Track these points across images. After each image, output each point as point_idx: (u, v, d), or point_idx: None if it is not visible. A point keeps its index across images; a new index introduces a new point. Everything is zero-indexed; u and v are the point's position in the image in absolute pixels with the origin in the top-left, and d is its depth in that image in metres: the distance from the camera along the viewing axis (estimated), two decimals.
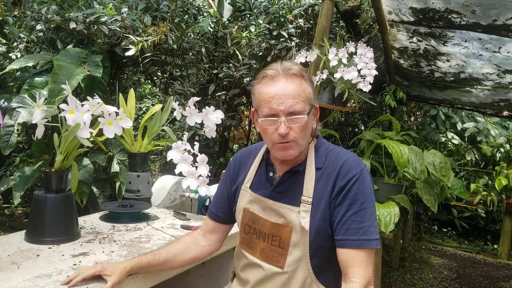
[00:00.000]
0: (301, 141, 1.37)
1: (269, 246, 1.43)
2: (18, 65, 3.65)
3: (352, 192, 1.34)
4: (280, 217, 1.42)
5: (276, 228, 1.42)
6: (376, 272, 3.48)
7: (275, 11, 4.05)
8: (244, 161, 1.61)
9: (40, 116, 1.72)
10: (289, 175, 1.45)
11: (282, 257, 1.40)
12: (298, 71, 1.37)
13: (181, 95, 3.96)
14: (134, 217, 2.12)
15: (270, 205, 1.45)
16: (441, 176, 3.17)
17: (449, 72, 3.68)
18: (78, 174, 1.92)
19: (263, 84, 1.37)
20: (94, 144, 3.00)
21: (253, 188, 1.52)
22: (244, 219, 1.52)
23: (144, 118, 2.41)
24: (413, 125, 5.94)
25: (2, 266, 1.46)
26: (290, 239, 1.39)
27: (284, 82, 1.34)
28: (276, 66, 1.37)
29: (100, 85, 3.69)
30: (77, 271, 1.39)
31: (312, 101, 1.39)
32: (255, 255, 1.47)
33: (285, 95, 1.33)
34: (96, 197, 3.68)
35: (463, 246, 5.42)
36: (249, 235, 1.50)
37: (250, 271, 1.50)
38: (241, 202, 1.55)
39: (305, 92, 1.36)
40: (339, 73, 2.76)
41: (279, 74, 1.35)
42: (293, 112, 1.33)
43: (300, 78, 1.36)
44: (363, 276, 1.29)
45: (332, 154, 1.44)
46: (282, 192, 1.44)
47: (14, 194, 3.36)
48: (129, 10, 3.86)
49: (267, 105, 1.35)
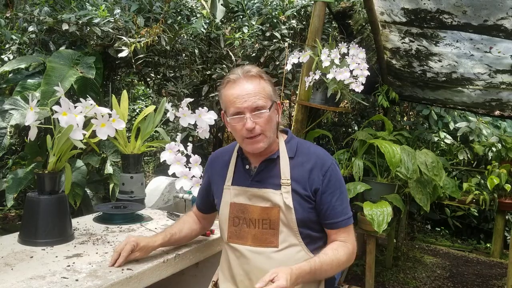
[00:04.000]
0: (268, 133, 1.54)
1: (261, 230, 1.56)
2: (11, 67, 3.63)
3: (332, 181, 1.56)
4: (267, 202, 1.56)
5: (265, 211, 1.56)
6: (369, 271, 3.50)
7: (268, 12, 4.06)
8: (217, 161, 1.75)
9: (33, 118, 1.72)
10: (266, 164, 1.60)
11: (274, 237, 1.54)
12: (257, 72, 1.54)
13: (174, 96, 3.96)
14: (127, 218, 2.12)
15: (255, 193, 1.59)
16: (433, 175, 3.19)
17: (441, 72, 3.70)
18: (71, 176, 1.92)
19: (228, 87, 1.54)
20: (87, 146, 3.00)
21: (235, 183, 1.64)
22: (232, 213, 1.62)
23: (137, 120, 2.40)
24: (406, 125, 5.96)
25: None
26: (279, 219, 1.54)
27: (245, 83, 1.51)
28: (237, 71, 1.55)
29: (93, 86, 3.68)
30: (116, 250, 1.56)
31: (273, 98, 1.56)
32: (247, 244, 1.57)
33: (247, 94, 1.50)
34: (90, 198, 3.68)
35: (456, 245, 5.45)
36: (239, 226, 1.60)
37: (243, 262, 1.57)
38: (225, 199, 1.64)
39: (265, 90, 1.53)
40: (332, 74, 2.78)
41: (240, 77, 1.52)
42: (256, 107, 1.50)
43: (259, 78, 1.53)
44: (352, 242, 1.58)
45: (303, 147, 1.64)
46: (261, 180, 1.59)
47: (7, 197, 3.34)
48: (122, 12, 3.85)
49: (232, 105, 1.52)
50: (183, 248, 1.79)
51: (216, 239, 1.97)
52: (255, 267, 1.54)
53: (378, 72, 4.02)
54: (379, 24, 3.28)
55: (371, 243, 3.49)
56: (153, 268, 1.60)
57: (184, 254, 1.77)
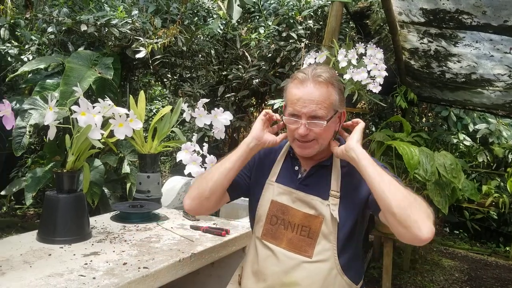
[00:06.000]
0: (321, 140, 1.47)
1: (298, 236, 1.49)
2: (30, 68, 3.69)
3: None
4: (311, 209, 1.49)
5: (307, 218, 1.49)
6: (386, 274, 3.46)
7: (284, 12, 4.05)
8: (266, 154, 1.66)
9: (51, 117, 1.74)
10: (317, 169, 1.54)
11: (310, 247, 1.47)
12: (327, 79, 1.44)
13: (190, 97, 3.98)
14: (144, 218, 2.14)
15: (301, 197, 1.51)
16: (452, 177, 3.15)
17: (460, 73, 3.65)
18: (89, 175, 1.94)
19: (293, 85, 1.47)
20: (105, 146, 3.02)
21: (280, 181, 1.57)
22: (272, 211, 1.55)
23: (154, 120, 2.42)
24: (425, 126, 5.89)
25: (15, 265, 1.48)
26: (320, 230, 1.46)
27: (311, 88, 1.43)
28: (307, 70, 1.46)
29: (111, 87, 3.72)
30: (263, 116, 1.56)
31: (337, 107, 1.48)
32: (281, 245, 1.50)
33: (309, 100, 1.42)
34: (107, 197, 3.71)
35: (474, 248, 5.36)
36: (276, 226, 1.53)
37: (272, 263, 1.50)
38: (266, 195, 1.58)
39: (330, 99, 1.44)
40: (349, 74, 2.76)
41: (308, 79, 1.44)
42: (315, 116, 1.42)
43: (327, 85, 1.44)
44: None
45: None
46: (309, 185, 1.52)
47: (26, 195, 3.39)
48: (140, 13, 3.89)
49: (292, 106, 1.45)
50: (199, 248, 1.79)
51: (232, 239, 1.96)
52: (282, 270, 1.48)
53: (396, 73, 3.98)
54: (397, 24, 3.25)
55: (388, 246, 3.46)
56: (169, 267, 1.61)
57: (200, 254, 1.77)
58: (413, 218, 1.26)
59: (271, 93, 4.06)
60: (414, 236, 1.26)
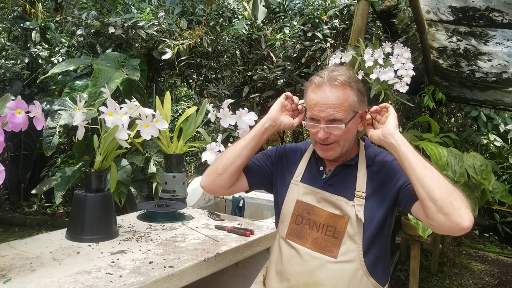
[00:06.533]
0: (343, 142, 1.46)
1: (323, 236, 1.48)
2: (60, 69, 3.78)
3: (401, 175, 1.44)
4: (337, 209, 1.48)
5: (333, 218, 1.48)
6: (414, 277, 3.40)
7: (309, 12, 4.02)
8: (290, 154, 1.67)
9: (80, 118, 1.77)
10: (342, 169, 1.53)
11: (335, 247, 1.45)
12: (344, 81, 1.42)
13: (215, 97, 4.00)
14: (170, 217, 2.16)
15: (326, 197, 1.50)
16: (482, 179, 3.07)
17: (491, 72, 3.56)
18: (116, 175, 1.97)
19: (311, 89, 1.47)
20: (132, 146, 3.07)
21: (305, 181, 1.57)
22: (297, 210, 1.55)
23: (179, 120, 2.44)
24: (453, 126, 5.77)
25: (45, 262, 1.52)
26: (345, 230, 1.45)
27: (328, 92, 1.42)
28: (324, 74, 1.45)
29: (138, 88, 3.77)
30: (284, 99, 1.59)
31: (356, 108, 1.45)
32: (306, 245, 1.50)
33: (326, 104, 1.41)
34: (134, 197, 3.77)
35: (505, 252, 5.21)
36: (301, 225, 1.53)
37: (297, 262, 1.50)
38: (292, 195, 1.57)
39: (348, 101, 1.42)
40: (375, 74, 2.72)
41: (324, 83, 1.43)
42: (333, 120, 1.42)
43: (344, 88, 1.42)
44: None
45: (380, 155, 1.54)
46: (334, 185, 1.51)
47: (56, 194, 3.48)
48: (166, 15, 3.93)
49: (310, 110, 1.46)
50: (223, 248, 1.79)
51: (256, 240, 1.97)
52: (306, 270, 1.47)
53: (424, 72, 3.91)
54: (425, 22, 3.19)
55: (416, 248, 3.40)
56: (194, 266, 1.62)
57: (224, 254, 1.77)
58: (456, 205, 1.26)
59: (296, 93, 4.05)
60: (455, 223, 1.25)
